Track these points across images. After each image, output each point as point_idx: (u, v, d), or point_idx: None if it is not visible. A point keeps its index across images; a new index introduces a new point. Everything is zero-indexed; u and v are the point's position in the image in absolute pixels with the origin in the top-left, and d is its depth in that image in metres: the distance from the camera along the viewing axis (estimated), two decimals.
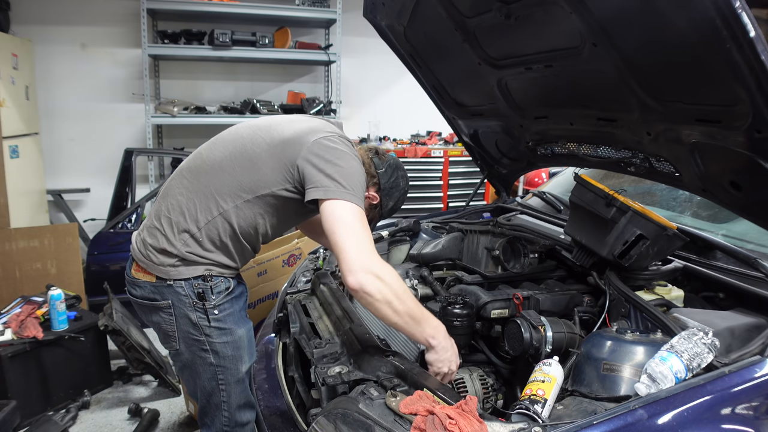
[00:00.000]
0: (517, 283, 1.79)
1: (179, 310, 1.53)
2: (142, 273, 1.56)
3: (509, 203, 2.71)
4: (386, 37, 2.21)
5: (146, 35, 4.59)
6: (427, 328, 1.40)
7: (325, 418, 1.18)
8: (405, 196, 1.80)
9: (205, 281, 1.52)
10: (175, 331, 1.55)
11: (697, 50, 1.18)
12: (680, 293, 1.60)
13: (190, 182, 1.56)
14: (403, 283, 1.40)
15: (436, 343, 1.40)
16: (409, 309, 1.37)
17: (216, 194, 1.52)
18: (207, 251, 1.52)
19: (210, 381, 1.58)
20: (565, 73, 1.66)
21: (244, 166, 1.52)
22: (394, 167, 1.74)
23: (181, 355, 1.59)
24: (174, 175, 1.64)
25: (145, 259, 1.55)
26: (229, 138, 1.62)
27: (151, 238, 1.55)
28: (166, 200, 1.58)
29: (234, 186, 1.51)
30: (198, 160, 1.60)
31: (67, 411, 2.76)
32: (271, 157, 1.51)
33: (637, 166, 1.77)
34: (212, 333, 1.54)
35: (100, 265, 3.65)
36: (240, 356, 1.59)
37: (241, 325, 1.59)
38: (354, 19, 4.11)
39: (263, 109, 4.90)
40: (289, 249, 3.15)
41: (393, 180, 1.72)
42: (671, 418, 1.07)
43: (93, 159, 4.99)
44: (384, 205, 1.74)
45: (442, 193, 5.30)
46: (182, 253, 1.51)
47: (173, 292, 1.52)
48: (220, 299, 1.54)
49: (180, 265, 1.52)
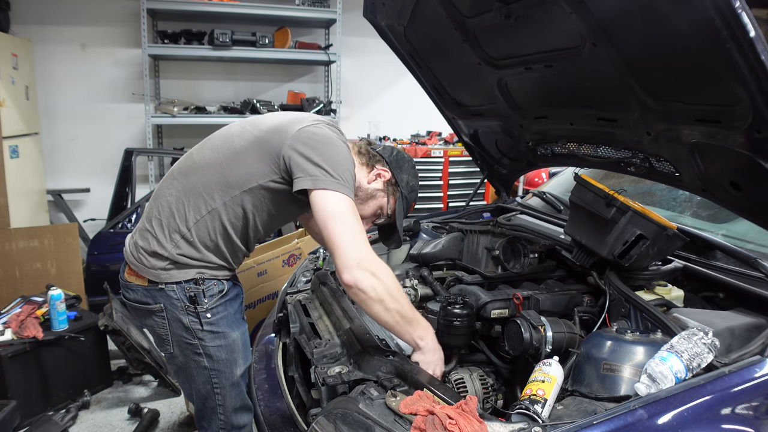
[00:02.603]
0: (517, 283, 1.79)
1: (171, 314, 1.52)
2: (134, 276, 1.55)
3: (509, 203, 2.71)
4: (386, 37, 2.21)
5: (146, 35, 4.59)
6: (417, 329, 1.40)
7: (325, 418, 1.18)
8: (415, 172, 1.73)
9: (197, 285, 1.50)
10: (169, 334, 1.54)
11: (697, 50, 1.18)
12: (680, 293, 1.60)
13: (180, 183, 1.55)
14: (397, 281, 1.40)
15: (423, 345, 1.40)
16: (401, 308, 1.37)
17: (204, 192, 1.50)
18: (198, 252, 1.51)
19: (205, 384, 1.57)
20: (565, 73, 1.65)
21: (231, 160, 1.50)
22: (391, 147, 1.73)
23: (176, 359, 1.58)
24: (165, 177, 1.63)
25: (136, 262, 1.53)
26: (219, 137, 1.61)
27: (143, 240, 1.54)
28: (156, 202, 1.57)
29: (221, 182, 1.49)
30: (188, 161, 1.59)
31: (67, 411, 2.76)
32: (257, 148, 1.49)
33: (637, 166, 1.77)
34: (205, 337, 1.53)
35: (100, 265, 3.64)
36: (234, 360, 1.57)
37: (235, 329, 1.58)
38: (354, 19, 4.11)
39: (263, 109, 4.89)
40: (289, 249, 3.15)
41: (395, 154, 1.70)
42: (671, 418, 1.07)
43: (93, 159, 4.99)
44: (400, 180, 1.68)
45: (442, 193, 5.30)
46: (173, 255, 1.49)
47: (165, 295, 1.51)
48: (212, 303, 1.52)
49: (171, 269, 1.50)
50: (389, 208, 1.70)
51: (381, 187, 1.67)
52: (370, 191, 1.65)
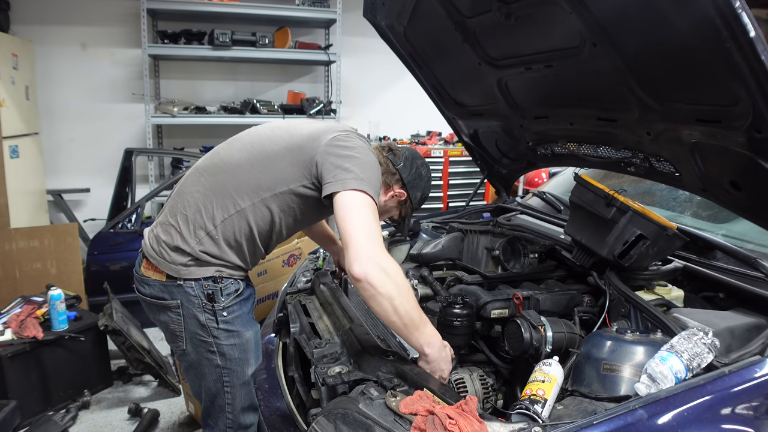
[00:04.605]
0: (517, 283, 1.79)
1: (188, 311, 1.52)
2: (152, 271, 1.55)
3: (509, 203, 2.71)
4: (386, 37, 2.21)
5: (146, 35, 4.59)
6: (425, 335, 1.37)
7: (325, 418, 1.18)
8: (430, 183, 1.81)
9: (216, 282, 1.51)
10: (183, 331, 1.54)
11: (697, 50, 1.18)
12: (680, 293, 1.60)
13: (207, 180, 1.56)
14: (408, 282, 1.38)
15: (430, 352, 1.37)
16: (410, 310, 1.34)
17: (234, 192, 1.51)
18: (220, 250, 1.52)
19: (216, 383, 1.57)
20: (565, 73, 1.66)
21: (263, 164, 1.53)
22: (411, 159, 1.74)
23: (188, 356, 1.58)
24: (189, 173, 1.63)
25: (157, 255, 1.53)
26: (247, 138, 1.63)
27: (166, 234, 1.54)
28: (182, 198, 1.57)
29: (252, 184, 1.51)
30: (215, 159, 1.60)
31: (67, 411, 2.76)
32: (290, 154, 1.52)
33: (637, 166, 1.77)
34: (220, 335, 1.53)
35: (100, 265, 3.65)
36: (247, 359, 1.58)
37: (248, 328, 1.59)
38: (354, 19, 4.12)
39: (263, 109, 4.90)
40: (289, 249, 3.15)
41: (414, 171, 1.73)
42: (671, 418, 1.07)
43: (93, 159, 4.99)
44: (413, 198, 1.75)
45: (442, 193, 5.30)
46: (196, 252, 1.50)
47: (183, 292, 1.51)
48: (229, 301, 1.53)
49: (192, 265, 1.51)
50: (397, 216, 1.83)
51: (395, 204, 1.76)
52: (383, 207, 1.76)
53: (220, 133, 4.71)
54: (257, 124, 1.72)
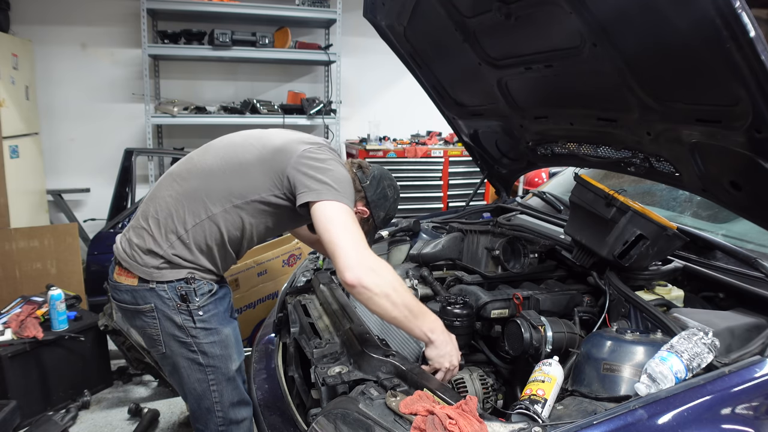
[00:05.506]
0: (517, 283, 1.79)
1: (162, 313, 1.53)
2: (125, 276, 1.56)
3: (509, 203, 2.71)
4: (386, 37, 2.21)
5: (146, 35, 4.59)
6: (426, 322, 1.41)
7: (325, 418, 1.18)
8: (396, 205, 1.81)
9: (188, 283, 1.53)
10: (160, 334, 1.55)
11: (697, 50, 1.18)
12: (680, 293, 1.60)
13: (180, 185, 1.58)
14: (398, 277, 1.42)
15: (435, 338, 1.40)
16: (407, 302, 1.38)
17: (206, 198, 1.54)
18: (192, 254, 1.54)
19: (200, 383, 1.58)
20: (565, 73, 1.65)
21: (236, 171, 1.55)
22: (379, 178, 1.75)
23: (168, 359, 1.59)
24: (163, 178, 1.65)
25: (129, 259, 1.55)
26: (220, 145, 1.65)
27: (138, 238, 1.56)
28: (154, 202, 1.59)
29: (224, 190, 1.54)
30: (189, 164, 1.62)
31: (67, 411, 2.75)
32: (262, 164, 1.55)
33: (637, 166, 1.77)
34: (199, 334, 1.54)
35: (100, 265, 3.63)
36: (229, 354, 1.60)
37: (226, 325, 1.61)
38: (354, 19, 4.11)
39: (263, 109, 4.89)
40: (289, 249, 3.15)
41: (380, 191, 1.74)
42: (671, 418, 1.07)
43: (93, 159, 4.99)
44: (376, 217, 1.76)
45: (442, 193, 5.29)
46: (168, 255, 1.52)
47: (155, 295, 1.52)
48: (204, 300, 1.55)
49: (165, 268, 1.53)
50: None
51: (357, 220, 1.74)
52: None
53: (220, 133, 4.67)
54: (257, 124, 1.74)
